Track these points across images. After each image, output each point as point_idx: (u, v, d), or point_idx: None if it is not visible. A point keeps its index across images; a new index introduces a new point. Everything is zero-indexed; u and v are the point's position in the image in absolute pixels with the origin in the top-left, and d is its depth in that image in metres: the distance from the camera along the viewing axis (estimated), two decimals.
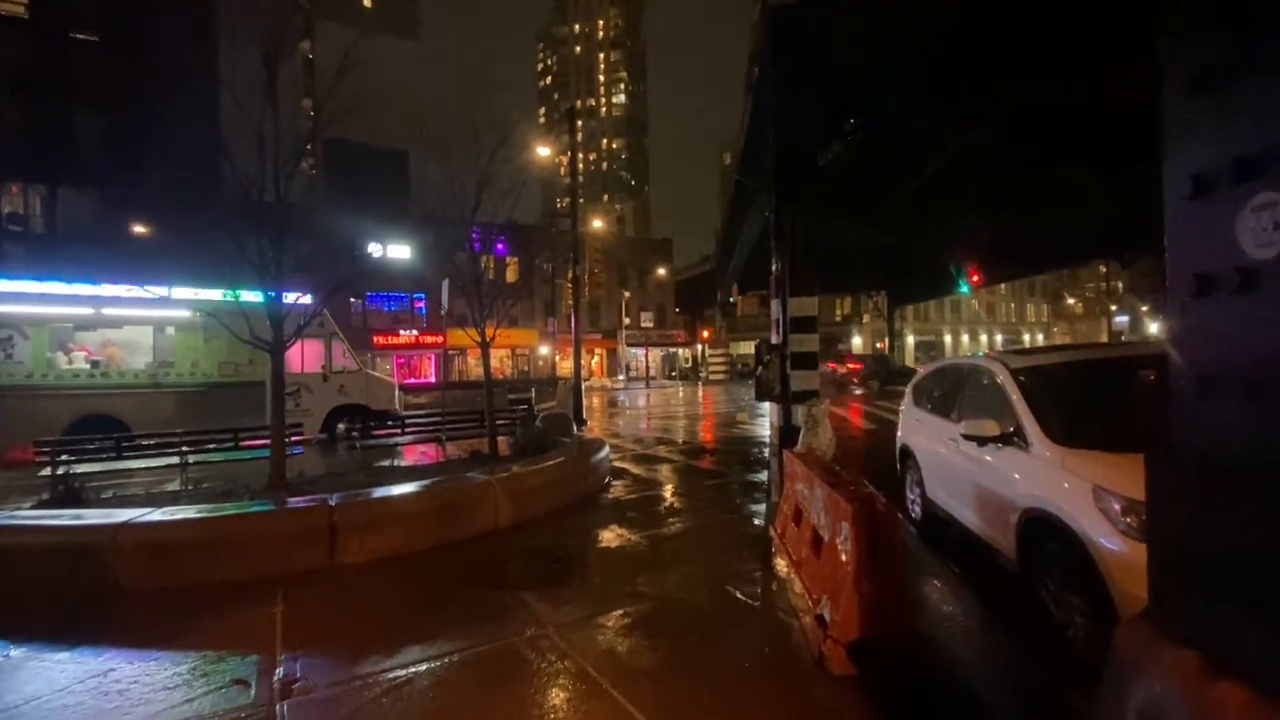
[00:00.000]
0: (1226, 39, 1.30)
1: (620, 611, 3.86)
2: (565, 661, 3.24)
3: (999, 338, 60.05)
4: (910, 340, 52.56)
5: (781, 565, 4.42)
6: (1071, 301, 64.82)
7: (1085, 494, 3.09)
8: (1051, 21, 5.78)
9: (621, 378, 40.95)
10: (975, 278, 24.22)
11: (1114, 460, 3.09)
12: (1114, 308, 52.57)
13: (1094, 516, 3.00)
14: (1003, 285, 54.75)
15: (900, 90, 7.26)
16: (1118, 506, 2.89)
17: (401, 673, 3.15)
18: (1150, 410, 3.49)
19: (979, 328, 59.44)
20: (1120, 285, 51.20)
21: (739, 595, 4.13)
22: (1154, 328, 43.40)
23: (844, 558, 3.14)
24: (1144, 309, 48.81)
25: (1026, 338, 61.20)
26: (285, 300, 6.49)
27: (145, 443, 7.93)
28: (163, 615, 3.90)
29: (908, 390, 6.51)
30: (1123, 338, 49.16)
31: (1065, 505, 3.22)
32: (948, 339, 57.01)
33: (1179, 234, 1.44)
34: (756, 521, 6.00)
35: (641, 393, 30.93)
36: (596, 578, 4.63)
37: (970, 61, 6.45)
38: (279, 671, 3.21)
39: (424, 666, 3.21)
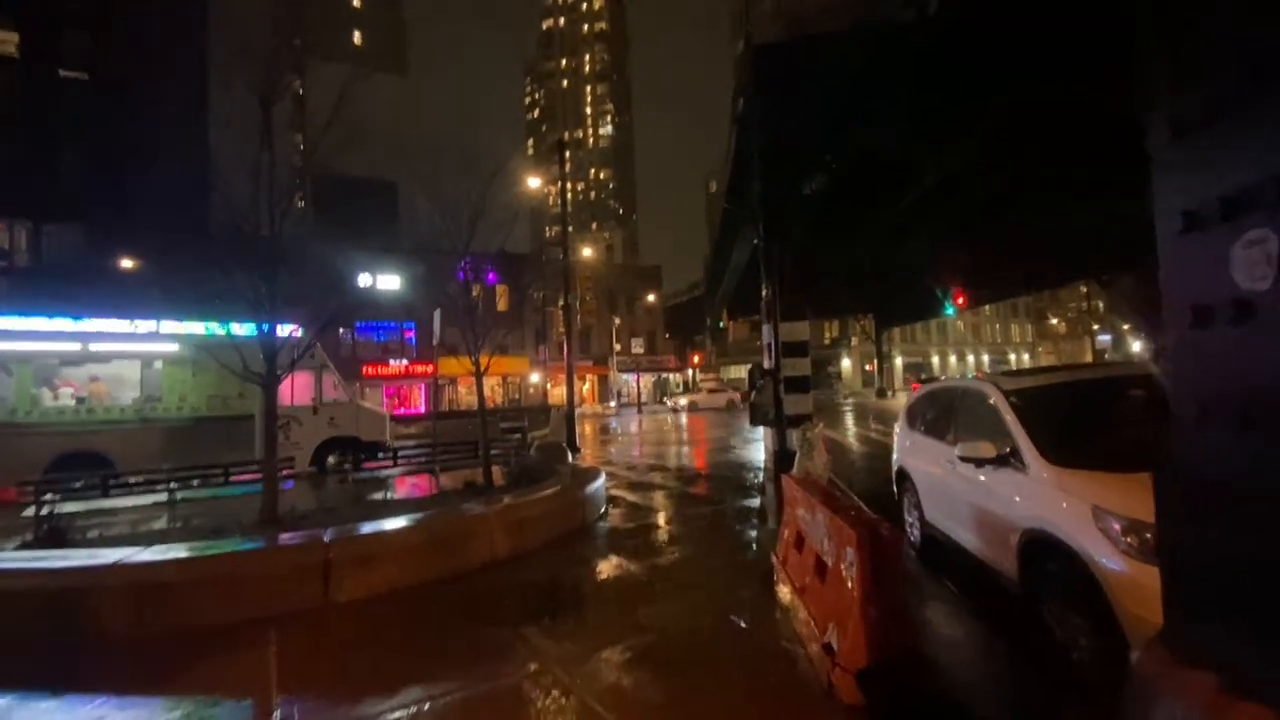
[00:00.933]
0: (1197, 88, 1.37)
1: (623, 645, 3.80)
2: (569, 698, 3.19)
3: (985, 358, 60.79)
4: (899, 362, 53.06)
5: (784, 592, 4.38)
6: (1055, 322, 65.93)
7: (1084, 514, 3.11)
8: (1043, 21, 5.76)
9: (613, 404, 40.83)
10: (960, 299, 24.70)
11: (1111, 480, 3.13)
12: (1096, 327, 53.50)
13: (1094, 536, 3.02)
14: (987, 307, 55.67)
15: (892, 100, 7.23)
16: (1118, 526, 2.92)
17: (402, 714, 3.08)
18: (1143, 430, 3.55)
19: (965, 348, 60.19)
20: (1101, 305, 52.17)
21: (743, 624, 4.09)
22: (1136, 346, 44.19)
23: (849, 585, 3.12)
24: (1125, 328, 49.65)
25: (1012, 358, 61.96)
26: (278, 333, 6.46)
27: (132, 480, 7.77)
28: (154, 659, 3.79)
29: (901, 413, 6.55)
30: (1106, 356, 49.93)
31: (1065, 526, 3.24)
32: (935, 360, 57.63)
33: (1173, 267, 1.49)
34: (756, 548, 5.96)
35: (634, 418, 30.81)
36: (597, 610, 4.57)
37: (967, 61, 6.43)
38: (275, 716, 3.12)
39: (425, 706, 3.14)
